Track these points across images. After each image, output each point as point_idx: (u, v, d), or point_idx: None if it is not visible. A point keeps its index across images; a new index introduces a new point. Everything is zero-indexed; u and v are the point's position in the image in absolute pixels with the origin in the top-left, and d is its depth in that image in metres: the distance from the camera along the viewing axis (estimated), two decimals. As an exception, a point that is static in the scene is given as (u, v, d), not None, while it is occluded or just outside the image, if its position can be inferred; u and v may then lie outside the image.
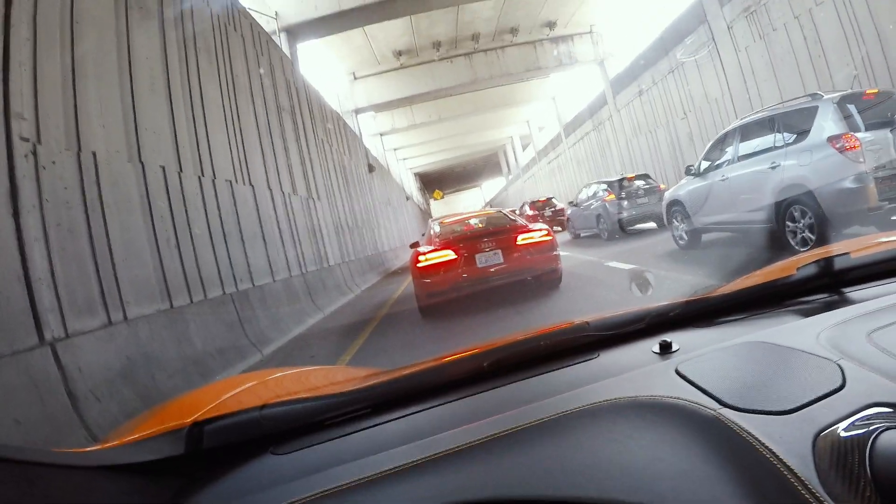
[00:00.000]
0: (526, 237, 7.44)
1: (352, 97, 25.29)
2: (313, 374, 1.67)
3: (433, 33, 22.98)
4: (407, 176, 52.38)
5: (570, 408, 0.95)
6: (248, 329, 7.23)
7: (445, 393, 1.18)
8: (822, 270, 1.39)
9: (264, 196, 9.85)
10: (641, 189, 14.70)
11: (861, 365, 0.90)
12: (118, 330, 4.94)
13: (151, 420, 1.17)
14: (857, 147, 5.97)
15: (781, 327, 1.19)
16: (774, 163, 6.96)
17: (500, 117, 42.38)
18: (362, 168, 23.11)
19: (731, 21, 15.84)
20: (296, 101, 14.04)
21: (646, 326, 1.34)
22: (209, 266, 7.12)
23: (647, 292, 1.90)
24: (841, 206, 6.13)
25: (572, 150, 34.71)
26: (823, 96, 6.61)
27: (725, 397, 0.88)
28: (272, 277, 9.15)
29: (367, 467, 0.88)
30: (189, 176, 7.15)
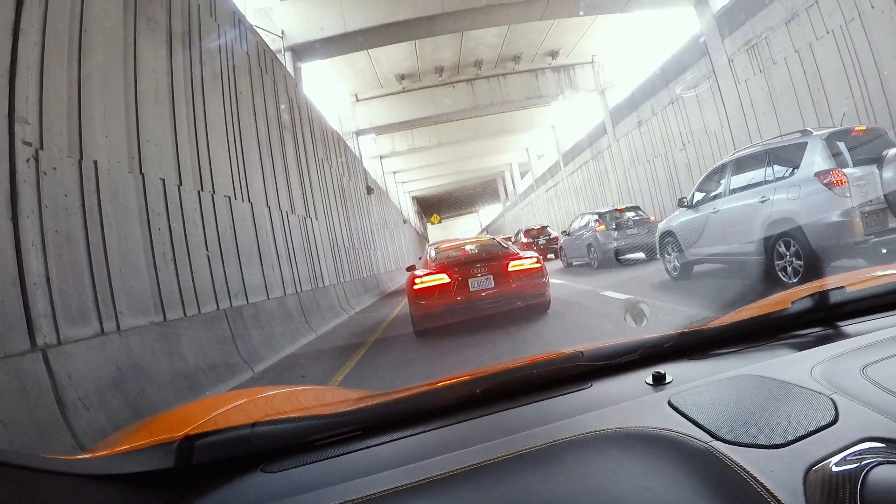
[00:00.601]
0: (517, 264, 7.75)
1: (353, 119, 25.43)
2: (304, 393, 1.66)
3: (436, 58, 23.19)
4: (405, 199, 52.45)
5: (562, 437, 0.95)
6: (241, 346, 7.18)
7: (437, 418, 1.17)
8: (817, 304, 1.39)
9: (262, 213, 9.85)
10: (631, 220, 15.08)
11: (854, 399, 0.91)
12: (110, 340, 4.90)
13: (142, 432, 1.17)
14: (844, 182, 6.14)
15: (775, 361, 1.19)
16: (764, 197, 7.13)
17: (500, 144, 42.56)
18: (361, 189, 23.14)
19: (731, 54, 15.98)
20: (297, 120, 14.10)
21: (639, 357, 1.34)
22: (204, 281, 7.09)
23: (642, 323, 1.92)
24: (828, 239, 6.27)
25: (570, 179, 34.81)
26: (813, 133, 6.78)
27: (718, 430, 0.89)
28: (267, 295, 9.11)
29: (357, 490, 0.88)
30: (188, 190, 7.14)
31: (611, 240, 14.83)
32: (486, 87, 25.49)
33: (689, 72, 18.47)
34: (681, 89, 18.96)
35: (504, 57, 24.34)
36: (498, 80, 25.55)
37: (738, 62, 15.72)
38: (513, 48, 23.59)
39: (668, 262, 9.86)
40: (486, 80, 25.43)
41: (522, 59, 24.71)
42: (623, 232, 14.90)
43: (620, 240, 14.81)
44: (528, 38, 22.92)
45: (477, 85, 25.41)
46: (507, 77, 25.62)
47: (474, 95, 25.45)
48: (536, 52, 24.40)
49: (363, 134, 26.64)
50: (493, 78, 25.51)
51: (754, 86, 15.19)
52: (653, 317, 1.76)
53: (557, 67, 25.95)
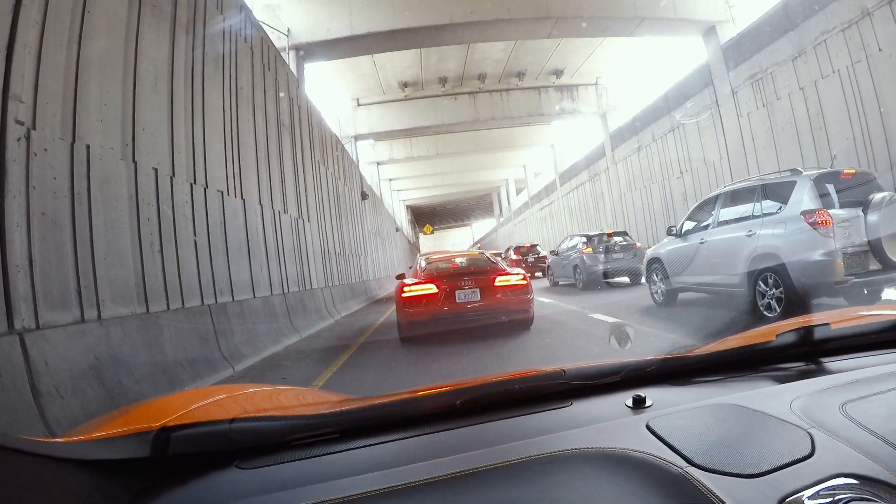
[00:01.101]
0: (503, 279, 7.98)
1: (353, 123, 25.40)
2: (285, 393, 1.65)
3: (441, 68, 23.20)
4: (399, 207, 52.43)
5: (539, 453, 0.95)
6: (223, 343, 7.07)
7: (416, 426, 1.17)
8: (801, 339, 1.40)
9: (254, 211, 9.75)
10: (618, 245, 15.52)
11: (832, 435, 0.92)
12: (90, 328, 4.81)
13: (119, 420, 1.17)
14: (829, 223, 6.33)
15: (755, 392, 1.21)
16: (751, 231, 7.31)
17: (498, 159, 42.65)
18: (355, 195, 23.07)
19: (736, 86, 16.14)
20: (297, 120, 14.02)
21: (621, 380, 1.33)
22: (191, 275, 6.99)
23: (626, 346, 1.89)
24: (809, 277, 6.44)
25: (566, 199, 34.96)
26: (802, 172, 6.98)
27: (693, 456, 0.89)
28: (253, 293, 9.00)
29: (331, 491, 0.88)
30: (181, 181, 7.05)
31: (597, 262, 15.17)
32: (488, 101, 25.52)
33: (692, 100, 18.58)
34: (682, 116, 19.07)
35: (508, 72, 24.38)
36: (500, 95, 25.60)
37: (742, 95, 15.86)
38: (518, 64, 23.65)
39: (653, 288, 10.06)
40: (488, 94, 25.47)
41: (527, 75, 24.76)
42: (609, 256, 15.28)
43: (606, 263, 15.17)
44: (534, 55, 22.99)
45: (479, 98, 25.44)
46: (510, 92, 25.67)
47: (476, 108, 25.48)
48: (541, 69, 24.46)
49: (362, 139, 26.59)
50: (496, 92, 25.56)
51: (756, 119, 15.30)
52: (636, 341, 1.76)
53: (561, 87, 26.02)
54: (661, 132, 21.12)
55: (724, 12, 17.06)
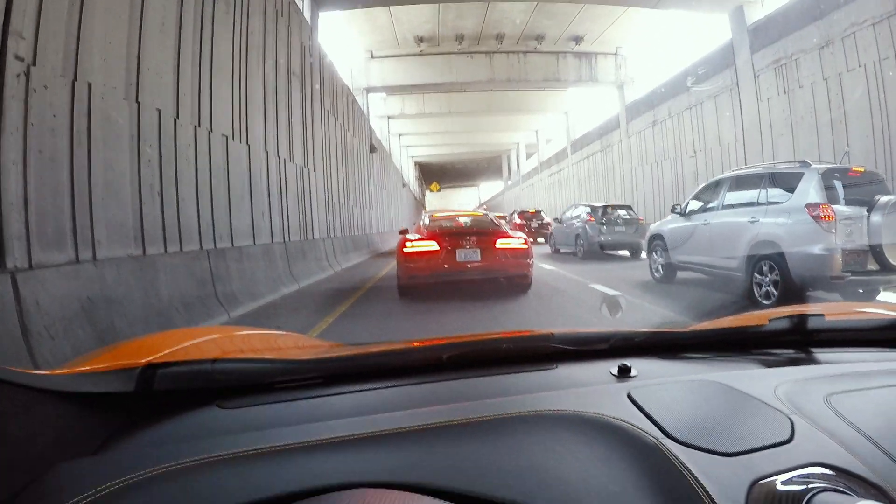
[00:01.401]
0: (504, 242, 8.10)
1: (366, 75, 25.02)
2: (276, 338, 1.67)
3: (459, 25, 22.76)
4: (407, 163, 52.29)
5: (516, 411, 0.96)
6: (220, 288, 7.09)
7: (401, 377, 1.19)
8: (794, 326, 1.38)
9: (259, 158, 9.70)
10: (621, 218, 15.71)
11: (813, 424, 0.92)
12: (84, 269, 4.81)
13: (106, 356, 1.17)
14: (832, 218, 6.38)
15: (742, 373, 1.20)
16: (754, 218, 7.39)
17: (510, 122, 42.27)
18: (364, 147, 22.95)
19: (758, 70, 15.80)
20: (308, 69, 13.86)
21: (609, 348, 1.34)
22: (190, 219, 6.98)
23: (616, 315, 1.93)
24: (807, 269, 6.53)
25: (576, 168, 34.68)
26: (811, 165, 7.03)
27: (671, 429, 0.89)
28: (253, 240, 9.01)
29: (308, 433, 0.88)
30: (185, 124, 6.99)
31: (599, 233, 15.36)
32: (504, 63, 25.08)
33: (713, 80, 18.24)
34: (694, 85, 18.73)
35: (527, 35, 23.90)
36: (518, 57, 25.13)
37: (764, 79, 15.57)
38: (538, 27, 23.16)
39: (653, 264, 10.20)
40: (505, 55, 24.99)
41: (546, 39, 24.25)
42: (612, 228, 15.45)
43: (608, 235, 15.35)
44: (555, 19, 22.48)
45: (496, 59, 24.99)
46: (528, 55, 25.18)
47: (492, 69, 25.05)
48: (561, 34, 23.96)
49: (373, 92, 26.24)
50: (513, 54, 25.07)
51: (776, 105, 15.05)
52: (632, 314, 1.79)
53: (580, 54, 25.53)
54: (678, 109, 20.79)
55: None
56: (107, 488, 0.73)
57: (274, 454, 0.82)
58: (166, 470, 0.77)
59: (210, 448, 0.83)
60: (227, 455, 0.81)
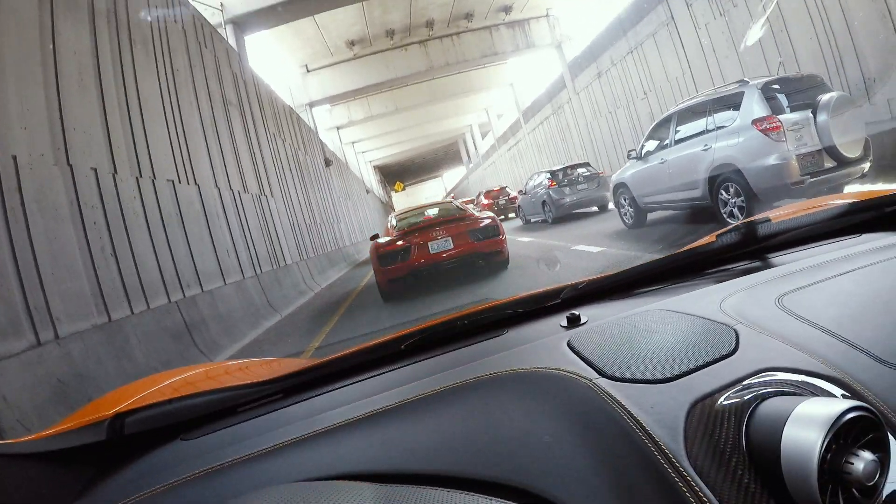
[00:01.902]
0: (473, 224, 8.14)
1: (305, 90, 24.77)
2: (250, 365, 1.67)
3: (386, 20, 22.56)
4: (366, 169, 52.03)
5: (459, 381, 0.95)
6: (198, 337, 6.83)
7: (360, 373, 1.19)
8: (743, 237, 1.37)
9: (211, 195, 9.39)
10: (582, 176, 15.92)
11: (760, 330, 0.90)
12: (48, 351, 4.53)
13: (78, 414, 1.16)
14: (779, 128, 6.55)
15: (688, 294, 1.19)
16: (707, 145, 7.58)
17: (458, 106, 42.28)
18: (318, 162, 22.63)
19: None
20: (244, 96, 13.51)
21: (561, 301, 1.33)
22: (151, 273, 6.69)
23: (556, 268, 1.93)
24: (766, 181, 6.70)
25: (532, 136, 34.50)
26: (749, 82, 7.20)
27: (606, 367, 0.87)
28: (223, 280, 8.72)
29: (262, 443, 0.90)
30: (125, 177, 6.69)
31: (563, 196, 15.66)
32: (439, 48, 24.97)
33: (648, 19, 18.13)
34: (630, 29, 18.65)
35: (456, 15, 23.77)
36: (451, 40, 25.04)
37: (698, 6, 15.40)
38: (464, 5, 23.03)
39: (622, 212, 10.46)
40: (439, 41, 24.91)
41: (475, 16, 24.17)
42: (574, 188, 15.70)
43: (572, 195, 15.64)
44: (480, -6, 22.40)
45: (430, 46, 24.89)
46: (461, 36, 25.12)
47: (428, 57, 24.95)
48: (489, 8, 23.88)
49: (317, 105, 26.03)
50: (447, 38, 25.00)
51: (715, 29, 14.92)
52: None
53: (512, 23, 25.50)
54: (619, 56, 20.62)
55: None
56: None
57: (224, 469, 0.85)
58: (129, 502, 0.80)
59: (169, 477, 0.86)
60: (181, 479, 0.85)
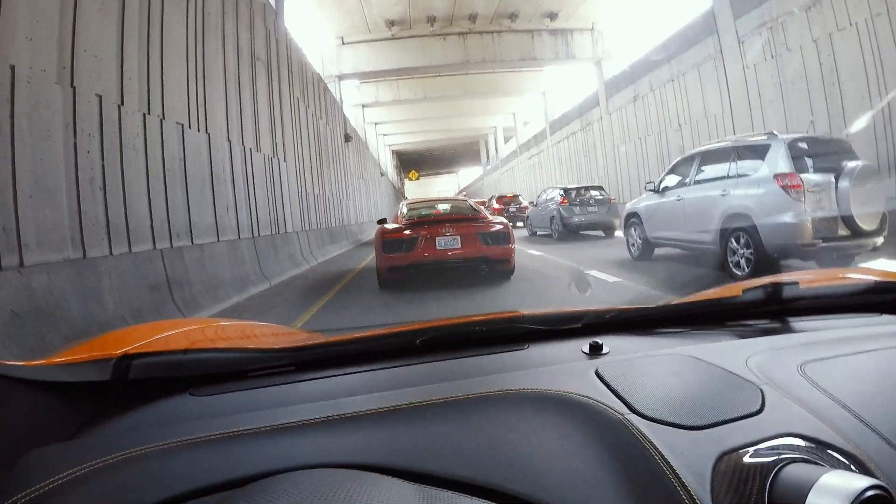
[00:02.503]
0: (485, 228, 7.85)
1: (337, 62, 24.39)
2: (254, 328, 1.61)
3: (430, 6, 22.14)
4: (384, 152, 51.85)
5: (483, 391, 0.94)
6: (177, 292, 6.45)
7: (372, 362, 1.18)
8: (769, 296, 1.34)
9: (221, 147, 9.01)
10: (594, 199, 16.15)
11: (784, 393, 0.90)
12: (6, 277, 4.18)
13: (83, 347, 1.15)
14: (800, 187, 6.46)
15: (714, 345, 1.19)
16: (725, 191, 7.48)
17: (487, 105, 41.87)
18: (339, 136, 22.27)
19: (742, 35, 15.27)
20: (273, 54, 13.10)
21: (581, 326, 1.32)
22: (140, 216, 6.32)
23: (586, 293, 1.96)
24: (778, 238, 6.62)
25: (556, 148, 34.19)
26: (778, 136, 7.07)
27: (637, 404, 0.87)
28: (217, 237, 8.34)
29: (276, 417, 0.87)
30: (131, 111, 6.32)
31: (572, 214, 15.90)
32: (478, 43, 24.53)
33: (695, 49, 17.72)
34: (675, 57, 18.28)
35: (500, 13, 23.31)
36: (492, 37, 24.59)
37: (749, 45, 15.05)
38: (511, 4, 22.58)
39: (630, 242, 10.34)
40: (479, 36, 24.46)
41: (520, 17, 23.69)
42: (584, 209, 15.95)
43: (581, 216, 15.91)
44: (528, -5, 21.95)
45: (469, 39, 24.43)
46: (502, 35, 24.64)
47: (466, 50, 24.49)
48: (535, 11, 23.41)
49: (346, 79, 25.64)
50: (487, 34, 24.54)
51: (763, 72, 14.53)
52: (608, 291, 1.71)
53: (555, 31, 25.02)
54: (659, 82, 20.25)
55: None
56: (74, 472, 0.73)
57: (240, 437, 0.82)
58: (133, 454, 0.78)
59: (179, 433, 0.83)
60: (194, 439, 0.81)
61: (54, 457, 0.78)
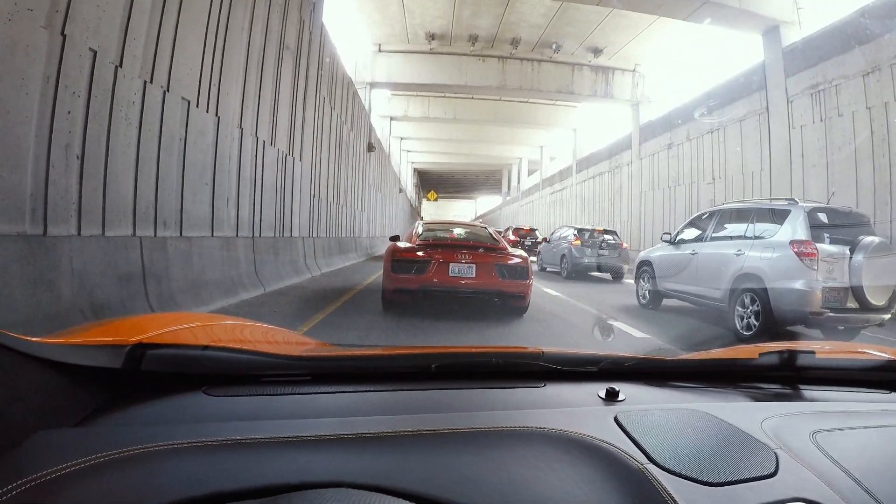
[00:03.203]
0: (503, 259, 7.36)
1: (371, 69, 23.79)
2: (267, 331, 1.59)
3: (473, 24, 21.51)
4: (406, 168, 51.41)
5: (503, 426, 0.95)
6: (153, 287, 5.61)
7: (387, 382, 1.18)
8: (784, 362, 1.34)
9: (230, 134, 8.21)
10: (606, 242, 16.17)
11: (797, 459, 0.91)
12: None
13: (94, 331, 1.14)
14: (814, 255, 6.51)
15: (729, 405, 1.21)
16: (740, 251, 7.53)
17: (515, 135, 41.36)
18: (362, 144, 21.56)
19: (792, 95, 14.52)
20: (305, 46, 12.33)
21: (598, 371, 1.32)
22: (123, 195, 5.51)
23: (609, 338, 1.86)
24: (787, 303, 6.62)
25: (580, 187, 33.46)
26: (798, 203, 7.23)
27: (656, 455, 0.87)
28: (211, 231, 7.51)
29: (291, 429, 0.86)
30: (130, 76, 5.53)
31: (583, 255, 15.97)
32: (517, 69, 23.87)
33: (740, 103, 16.94)
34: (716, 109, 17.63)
35: (544, 41, 22.65)
36: (532, 65, 23.92)
37: (798, 105, 14.33)
38: (556, 34, 21.90)
39: (640, 289, 10.34)
40: (518, 62, 23.81)
41: (563, 48, 23.01)
42: (595, 251, 15.96)
43: (591, 257, 15.93)
44: (576, 27, 21.27)
45: (509, 64, 23.79)
46: (542, 64, 23.99)
47: (503, 75, 23.84)
48: (580, 44, 22.75)
49: (378, 87, 25.03)
50: (527, 61, 23.88)
51: (810, 134, 13.77)
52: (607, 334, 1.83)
53: (597, 67, 24.38)
54: (697, 132, 19.51)
55: (790, 13, 15.30)
56: (84, 462, 0.71)
57: (258, 445, 0.81)
58: (144, 451, 0.76)
59: (194, 433, 0.82)
60: (211, 442, 0.80)
61: (63, 442, 0.76)
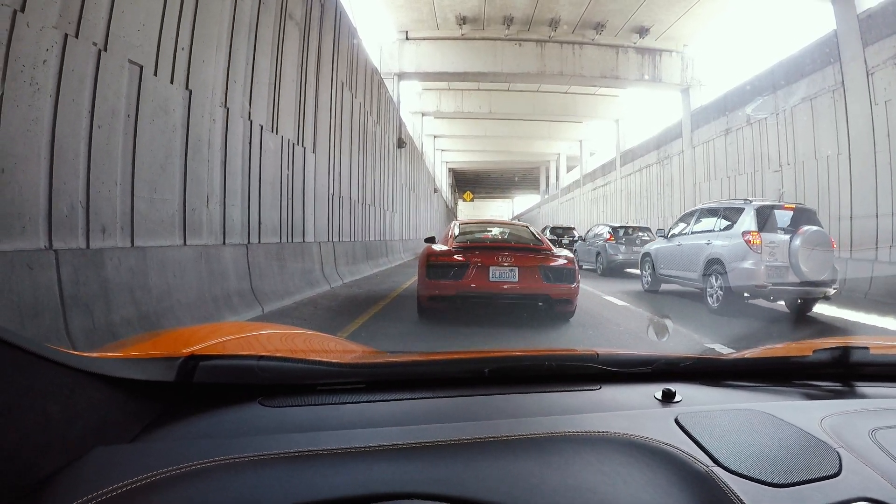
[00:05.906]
0: (548, 261, 6.94)
1: (398, 58, 22.32)
2: (311, 337, 1.60)
3: (508, 5, 19.80)
4: (440, 168, 50.32)
5: (563, 430, 0.95)
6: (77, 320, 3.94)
7: (441, 388, 1.19)
8: (838, 358, 1.33)
9: (207, 113, 6.53)
10: (640, 239, 16.68)
11: (860, 458, 0.90)
12: None
13: (144, 344, 1.17)
14: (759, 242, 8.33)
15: (786, 403, 1.21)
16: (709, 241, 9.51)
17: (553, 129, 39.83)
18: (391, 139, 19.93)
19: (872, 67, 12.55)
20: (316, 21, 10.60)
21: (652, 371, 1.33)
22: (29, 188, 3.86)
23: (664, 339, 1.78)
24: (739, 279, 8.36)
25: (625, 181, 31.49)
26: (752, 201, 9.10)
27: (720, 457, 0.88)
28: (182, 239, 5.85)
29: (352, 439, 0.87)
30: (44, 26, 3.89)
31: (617, 252, 16.73)
32: (557, 54, 22.12)
33: (809, 79, 14.90)
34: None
35: (586, 22, 20.83)
36: (572, 48, 22.13)
37: (881, 78, 12.38)
38: (599, 12, 20.06)
39: (643, 277, 12.55)
40: (558, 46, 22.06)
41: (606, 28, 21.15)
42: (629, 248, 16.58)
43: (625, 254, 16.59)
44: (619, 3, 19.42)
45: (547, 48, 22.04)
46: (584, 47, 22.18)
47: (542, 60, 22.11)
48: (625, 23, 20.87)
49: (406, 78, 23.50)
50: (567, 45, 22.12)
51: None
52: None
53: (642, 49, 22.51)
54: (758, 115, 17.49)
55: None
56: (145, 478, 0.72)
57: (321, 457, 0.82)
58: (204, 466, 0.76)
59: (254, 446, 0.83)
60: (271, 455, 0.81)
61: (121, 458, 0.77)
